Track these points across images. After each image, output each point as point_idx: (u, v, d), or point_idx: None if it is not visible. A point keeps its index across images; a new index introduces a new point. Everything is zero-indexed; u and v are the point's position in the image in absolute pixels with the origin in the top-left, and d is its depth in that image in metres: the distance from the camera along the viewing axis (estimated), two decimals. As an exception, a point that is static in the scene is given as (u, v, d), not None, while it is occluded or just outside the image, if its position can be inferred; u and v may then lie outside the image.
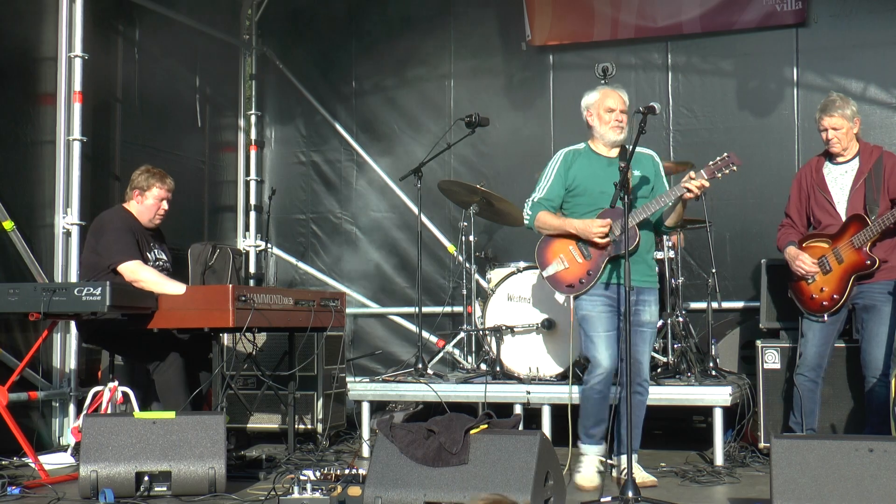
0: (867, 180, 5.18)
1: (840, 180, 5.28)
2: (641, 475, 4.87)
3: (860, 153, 5.28)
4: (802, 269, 5.25)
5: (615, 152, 5.00)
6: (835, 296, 5.20)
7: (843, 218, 5.24)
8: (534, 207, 5.10)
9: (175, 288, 5.37)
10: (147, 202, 5.78)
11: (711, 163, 4.82)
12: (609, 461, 5.15)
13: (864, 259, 5.13)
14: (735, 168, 4.79)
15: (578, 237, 4.97)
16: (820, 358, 5.30)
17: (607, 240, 4.89)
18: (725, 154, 4.83)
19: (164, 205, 5.82)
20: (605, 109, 5.00)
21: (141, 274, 5.42)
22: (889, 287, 5.18)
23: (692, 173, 4.79)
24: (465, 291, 6.76)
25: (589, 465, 4.96)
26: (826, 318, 5.24)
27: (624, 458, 4.99)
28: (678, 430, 6.93)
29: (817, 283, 5.25)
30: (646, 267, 5.01)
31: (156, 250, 5.83)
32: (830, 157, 5.36)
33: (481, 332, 6.28)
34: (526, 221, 5.16)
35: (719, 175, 4.82)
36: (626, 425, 4.55)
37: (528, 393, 5.74)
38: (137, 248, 5.59)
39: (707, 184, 4.79)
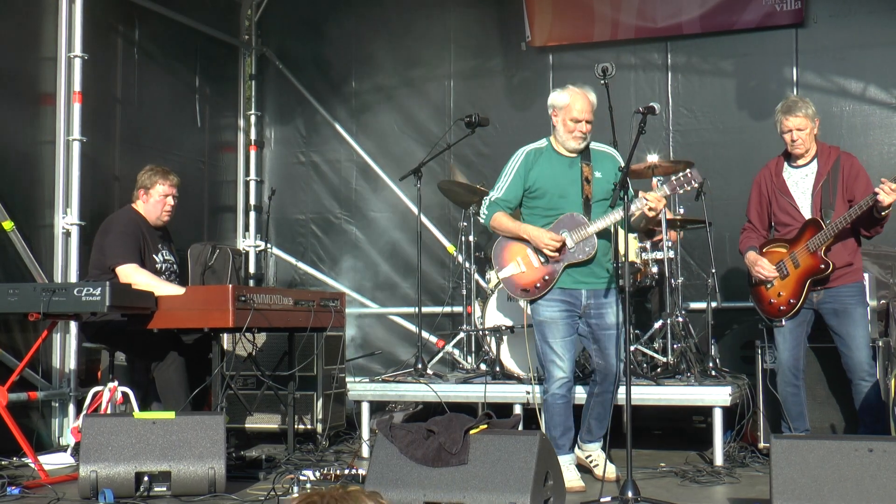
0: (825, 183, 5.16)
1: (801, 184, 5.26)
2: (609, 468, 4.97)
3: (818, 155, 5.25)
4: (762, 275, 5.26)
5: (576, 152, 4.99)
6: (791, 300, 5.20)
7: None
8: (490, 207, 5.08)
9: (170, 291, 5.37)
10: (152, 199, 5.84)
11: (674, 178, 4.84)
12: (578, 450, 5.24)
13: (819, 263, 5.10)
14: (695, 184, 4.83)
15: None
16: (795, 360, 5.30)
17: (556, 255, 4.90)
18: (687, 171, 4.86)
19: (170, 200, 5.88)
20: (571, 119, 4.92)
21: (134, 278, 5.43)
22: (857, 289, 5.20)
23: (655, 182, 4.78)
24: (464, 291, 6.76)
25: (566, 470, 4.89)
26: (784, 322, 5.25)
27: (590, 445, 5.16)
28: (678, 430, 6.93)
29: (775, 288, 5.26)
30: (602, 270, 4.97)
31: (164, 252, 5.84)
32: (789, 159, 5.34)
33: (481, 332, 6.28)
34: (482, 220, 5.17)
35: (680, 191, 4.85)
36: (628, 423, 4.55)
37: (528, 393, 5.74)
38: (139, 251, 5.62)
39: (664, 199, 4.78)
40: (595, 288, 4.95)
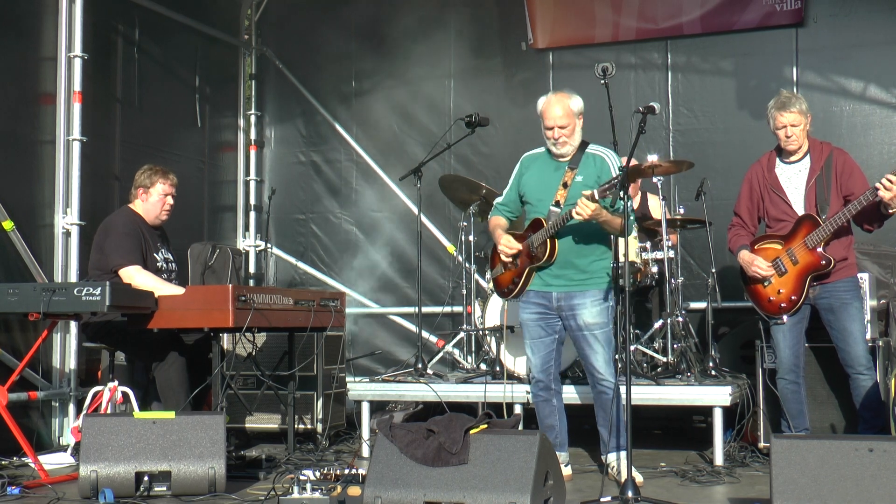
0: (818, 179, 5.15)
1: (794, 179, 5.24)
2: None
3: (811, 150, 5.24)
4: (759, 274, 5.23)
5: (562, 157, 5.04)
6: (792, 297, 5.18)
7: None
8: (493, 211, 5.28)
9: (166, 289, 5.36)
10: (152, 199, 5.84)
11: (602, 185, 4.66)
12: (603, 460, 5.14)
13: (819, 259, 5.09)
14: (620, 194, 4.56)
15: None
16: (796, 358, 5.28)
17: (509, 259, 5.06)
18: (614, 177, 4.64)
19: (170, 200, 5.90)
20: (545, 126, 5.04)
21: (137, 279, 5.43)
22: (852, 284, 5.19)
23: (585, 192, 4.69)
24: (464, 291, 6.76)
25: None
26: (786, 319, 5.23)
27: (611, 455, 5.00)
28: (678, 430, 6.93)
29: (774, 286, 5.23)
30: (574, 272, 4.96)
31: (163, 251, 5.85)
32: (781, 155, 5.32)
33: (481, 332, 6.27)
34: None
35: (609, 194, 4.65)
36: (625, 423, 4.55)
37: (528, 393, 5.74)
38: (140, 252, 5.62)
39: (591, 206, 4.64)
40: (565, 290, 4.97)
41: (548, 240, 4.93)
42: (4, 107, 6.40)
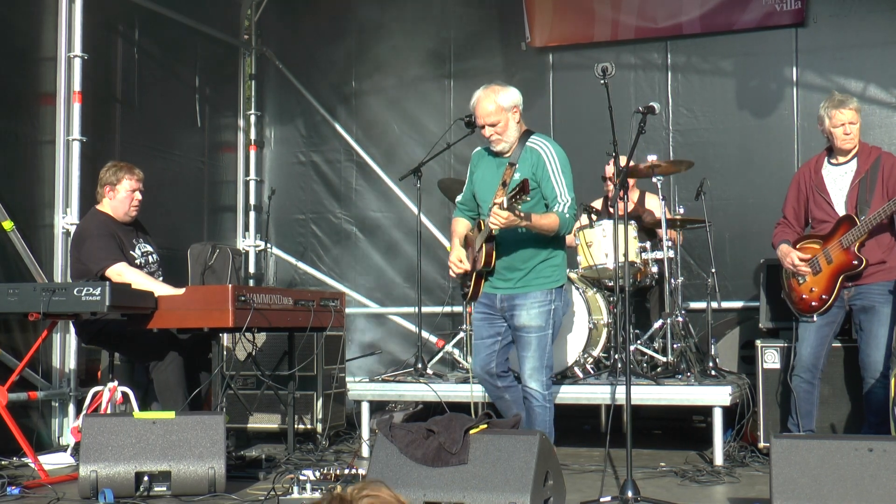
0: (862, 180, 5.15)
1: (839, 181, 5.24)
2: None
3: (859, 153, 5.24)
4: (793, 267, 5.25)
5: (502, 153, 4.87)
6: (823, 296, 5.18)
7: None
8: (455, 211, 5.14)
9: (161, 289, 5.35)
10: (119, 196, 5.74)
11: (508, 193, 4.44)
12: None
13: (852, 259, 5.09)
14: (527, 198, 4.36)
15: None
16: (815, 359, 5.27)
17: (458, 271, 4.94)
18: (518, 183, 4.40)
19: (137, 195, 5.78)
20: (478, 125, 4.87)
21: (126, 276, 5.40)
22: (888, 287, 5.16)
23: (496, 200, 4.57)
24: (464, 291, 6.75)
25: None
26: (815, 318, 5.22)
27: None
28: (678, 430, 6.94)
29: (807, 284, 5.24)
30: (519, 273, 4.82)
31: (140, 245, 5.80)
32: (830, 156, 5.33)
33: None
34: None
35: (518, 205, 4.38)
36: (628, 423, 4.55)
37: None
38: (120, 250, 5.59)
39: (503, 215, 4.42)
40: (508, 292, 4.84)
41: (484, 245, 4.78)
42: (4, 107, 6.40)
